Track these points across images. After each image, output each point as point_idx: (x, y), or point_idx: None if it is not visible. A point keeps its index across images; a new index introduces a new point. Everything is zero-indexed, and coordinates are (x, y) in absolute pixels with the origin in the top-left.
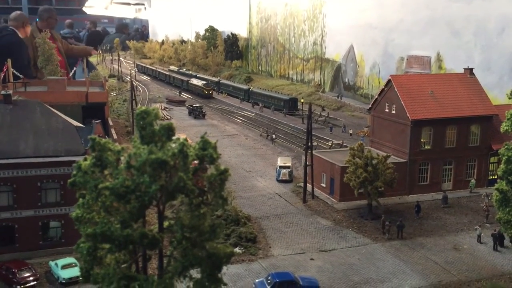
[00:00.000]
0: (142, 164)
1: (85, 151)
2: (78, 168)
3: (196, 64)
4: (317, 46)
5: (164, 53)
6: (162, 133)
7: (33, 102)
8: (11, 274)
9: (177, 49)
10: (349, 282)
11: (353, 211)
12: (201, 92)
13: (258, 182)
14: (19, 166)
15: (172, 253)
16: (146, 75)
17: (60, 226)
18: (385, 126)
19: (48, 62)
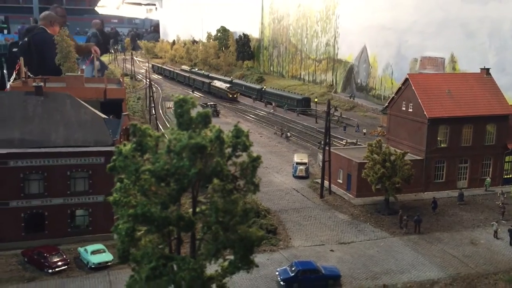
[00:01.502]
0: (182, 149)
1: (113, 141)
2: (119, 153)
3: (207, 64)
4: (329, 47)
5: (175, 53)
6: (199, 120)
7: (63, 94)
8: (42, 258)
9: (188, 49)
10: (370, 272)
11: (370, 206)
12: (224, 95)
13: (275, 178)
14: (50, 155)
15: (204, 236)
16: (159, 75)
17: (88, 214)
18: (402, 124)
19: (66, 59)
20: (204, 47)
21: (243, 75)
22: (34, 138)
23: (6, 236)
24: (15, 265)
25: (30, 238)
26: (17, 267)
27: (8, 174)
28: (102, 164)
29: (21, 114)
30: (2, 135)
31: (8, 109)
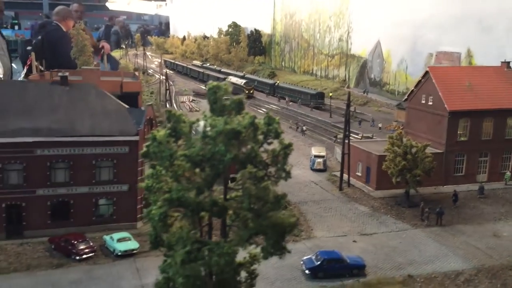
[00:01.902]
0: (218, 134)
1: (137, 131)
2: (153, 138)
3: (219, 59)
4: (342, 42)
5: (186, 48)
6: (233, 107)
7: (88, 84)
8: (70, 245)
9: (199, 45)
10: (393, 262)
11: (390, 199)
12: (240, 91)
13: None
14: (76, 144)
15: (235, 222)
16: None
17: (112, 203)
18: (421, 118)
19: (81, 53)
20: (215, 42)
21: (255, 71)
22: (61, 127)
23: (33, 223)
24: (42, 252)
25: (56, 226)
26: (44, 254)
27: (35, 162)
28: (127, 154)
29: (48, 104)
30: (30, 124)
31: (35, 98)
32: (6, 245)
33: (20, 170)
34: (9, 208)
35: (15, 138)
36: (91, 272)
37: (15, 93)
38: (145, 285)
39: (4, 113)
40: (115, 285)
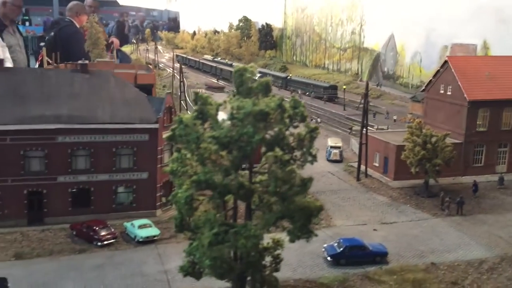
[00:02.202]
0: (246, 116)
1: (157, 119)
2: (179, 121)
3: (230, 54)
4: (355, 35)
5: (197, 43)
6: (260, 89)
7: (107, 72)
8: (92, 231)
9: (210, 39)
10: (415, 251)
11: (409, 189)
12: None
13: None
14: (97, 131)
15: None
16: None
17: (132, 191)
18: (439, 108)
19: (95, 46)
20: (226, 37)
21: (266, 64)
22: (81, 115)
23: (54, 210)
24: (64, 238)
25: (76, 213)
26: (66, 240)
27: (56, 149)
28: (146, 142)
29: (68, 91)
30: (51, 111)
31: (56, 86)
32: (28, 231)
33: (42, 157)
34: (30, 195)
35: (36, 125)
36: (113, 257)
37: (36, 81)
38: (167, 270)
39: (25, 100)
40: (138, 270)
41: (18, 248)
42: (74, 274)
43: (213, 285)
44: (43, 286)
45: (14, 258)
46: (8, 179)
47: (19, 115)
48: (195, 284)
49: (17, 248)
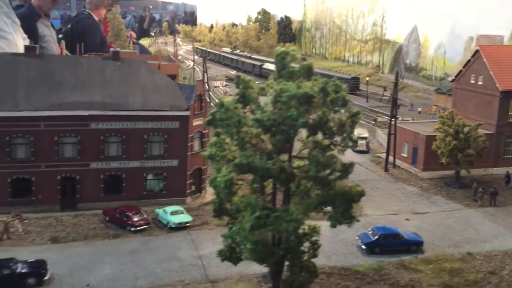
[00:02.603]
0: (289, 98)
1: (188, 106)
2: (220, 105)
3: (248, 47)
4: (376, 27)
5: (215, 36)
6: (302, 72)
7: (138, 60)
8: (125, 217)
9: (228, 32)
10: (450, 241)
11: (439, 180)
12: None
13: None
14: (129, 118)
15: (298, 191)
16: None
17: (162, 178)
18: (470, 98)
19: (117, 37)
20: (244, 29)
21: None
22: (114, 101)
23: (86, 196)
24: (97, 223)
25: (108, 199)
26: (99, 225)
27: (89, 136)
28: (177, 129)
29: (100, 78)
30: (84, 98)
31: (88, 73)
32: (62, 216)
33: (75, 143)
34: (63, 181)
35: (70, 111)
36: (148, 243)
37: (69, 68)
38: (202, 256)
39: (59, 86)
40: (173, 255)
41: (53, 232)
42: (110, 258)
43: (248, 271)
44: (81, 269)
45: (50, 242)
46: (42, 164)
47: (53, 102)
48: (231, 270)
49: (52, 233)
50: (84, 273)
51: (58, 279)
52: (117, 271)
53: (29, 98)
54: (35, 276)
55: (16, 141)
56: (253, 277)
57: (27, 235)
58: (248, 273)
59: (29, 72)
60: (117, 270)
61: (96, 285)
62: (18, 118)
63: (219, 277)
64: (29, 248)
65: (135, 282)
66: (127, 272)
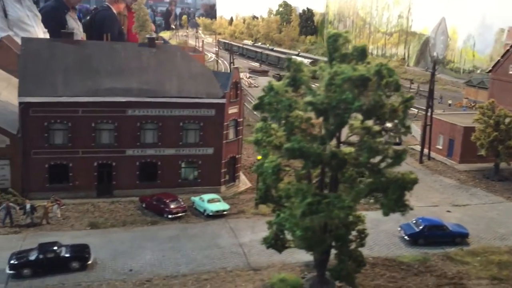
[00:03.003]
0: (345, 81)
1: (224, 94)
2: (269, 88)
3: (269, 39)
4: (402, 19)
5: (235, 29)
6: (355, 55)
7: (174, 47)
8: (162, 204)
9: (249, 25)
10: (495, 233)
11: (476, 172)
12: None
13: None
14: (165, 105)
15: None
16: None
17: (197, 166)
18: (509, 89)
19: (143, 28)
20: (266, 22)
21: (308, 50)
22: (150, 88)
23: (122, 183)
24: (134, 210)
25: (143, 186)
26: (136, 212)
27: (126, 122)
28: (213, 116)
29: (137, 65)
30: (121, 84)
31: (124, 59)
32: (98, 202)
33: (112, 129)
34: (100, 167)
35: (108, 98)
36: (186, 230)
37: (106, 54)
38: (242, 244)
39: (96, 73)
40: (213, 243)
41: (91, 218)
42: (151, 244)
43: (290, 259)
44: (122, 254)
45: (89, 227)
46: (79, 151)
47: (91, 88)
48: (273, 258)
49: (90, 218)
50: (126, 258)
51: (101, 264)
52: (158, 257)
53: (67, 84)
54: (78, 260)
55: (54, 127)
56: (296, 265)
57: (66, 220)
58: (290, 262)
59: (66, 58)
60: (158, 256)
61: (139, 270)
62: (57, 104)
63: (261, 265)
64: (69, 233)
65: (177, 268)
66: (169, 258)
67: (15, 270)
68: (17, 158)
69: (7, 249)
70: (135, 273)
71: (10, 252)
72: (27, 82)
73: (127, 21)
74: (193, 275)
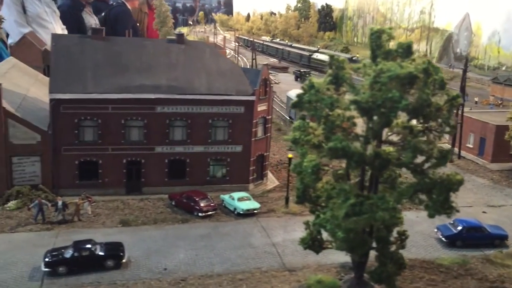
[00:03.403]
0: (391, 79)
1: (253, 91)
2: (310, 86)
3: (288, 35)
4: (424, 15)
5: (252, 25)
6: (400, 52)
7: (202, 43)
8: (193, 202)
9: (267, 21)
10: None
11: (509, 172)
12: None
13: None
14: (194, 102)
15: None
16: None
17: (225, 164)
18: None
19: (163, 23)
20: (284, 18)
21: (327, 46)
22: (179, 85)
23: (151, 180)
24: (163, 207)
25: (172, 184)
26: (166, 210)
27: (155, 119)
28: (242, 114)
29: (165, 61)
30: (150, 81)
31: (153, 56)
32: (128, 200)
33: (141, 126)
34: (129, 164)
35: (138, 94)
36: (217, 228)
37: (134, 50)
38: (276, 243)
39: (125, 69)
40: (246, 242)
41: (122, 215)
42: (183, 243)
43: (326, 260)
44: (156, 252)
45: (121, 225)
46: (108, 147)
47: (120, 84)
48: (307, 258)
49: (121, 216)
50: (159, 257)
51: (135, 262)
52: (192, 255)
53: (97, 81)
54: (113, 258)
55: (85, 124)
56: (331, 266)
57: (96, 217)
58: (325, 263)
59: (96, 55)
60: (192, 255)
61: (173, 269)
62: (87, 101)
63: (296, 266)
64: (100, 230)
65: (212, 268)
66: (202, 257)
67: (50, 268)
68: (48, 155)
69: (40, 246)
70: (170, 272)
71: (44, 249)
72: (58, 79)
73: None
74: (228, 275)
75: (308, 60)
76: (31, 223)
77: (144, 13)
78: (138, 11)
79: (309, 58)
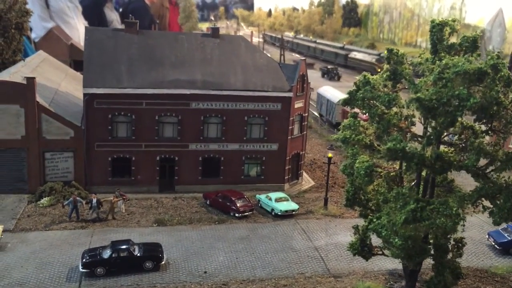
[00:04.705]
0: (457, 75)
1: (291, 88)
2: (365, 82)
3: (311, 31)
4: (455, 10)
5: (274, 21)
6: (465, 46)
7: (238, 37)
8: (229, 202)
9: (289, 16)
10: None
11: None
12: (370, 69)
13: None
14: (229, 98)
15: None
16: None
17: (261, 162)
18: None
19: (188, 18)
20: (307, 13)
21: (352, 42)
22: (214, 80)
23: (184, 178)
24: (198, 207)
25: (206, 182)
26: (200, 209)
27: (190, 116)
28: (278, 111)
29: (200, 56)
30: (185, 76)
31: (188, 50)
32: (161, 198)
33: (175, 123)
34: (162, 162)
35: (172, 90)
36: (256, 230)
37: (169, 45)
38: (318, 247)
39: (159, 64)
40: (287, 245)
41: (156, 214)
42: (222, 245)
43: (372, 267)
44: (195, 254)
45: (156, 224)
46: (141, 144)
47: (155, 79)
48: (353, 264)
49: (155, 215)
50: (199, 259)
51: (174, 264)
52: (232, 258)
53: (131, 75)
54: (152, 260)
55: (118, 119)
56: (379, 273)
57: (131, 216)
58: (372, 269)
59: (130, 49)
60: (232, 258)
61: (214, 273)
62: (121, 96)
63: (342, 272)
64: (136, 230)
65: (253, 272)
66: (243, 261)
67: (88, 269)
68: (81, 151)
69: (77, 245)
70: (210, 276)
71: (79, 248)
72: (92, 73)
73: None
74: (271, 280)
75: (345, 59)
76: (65, 221)
77: (166, 8)
78: (160, 6)
79: (345, 57)
